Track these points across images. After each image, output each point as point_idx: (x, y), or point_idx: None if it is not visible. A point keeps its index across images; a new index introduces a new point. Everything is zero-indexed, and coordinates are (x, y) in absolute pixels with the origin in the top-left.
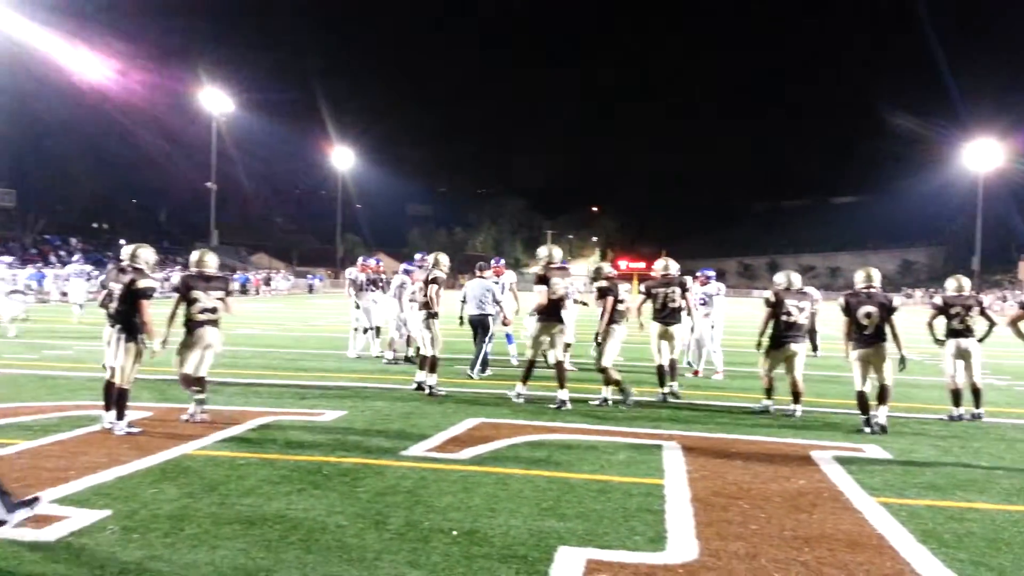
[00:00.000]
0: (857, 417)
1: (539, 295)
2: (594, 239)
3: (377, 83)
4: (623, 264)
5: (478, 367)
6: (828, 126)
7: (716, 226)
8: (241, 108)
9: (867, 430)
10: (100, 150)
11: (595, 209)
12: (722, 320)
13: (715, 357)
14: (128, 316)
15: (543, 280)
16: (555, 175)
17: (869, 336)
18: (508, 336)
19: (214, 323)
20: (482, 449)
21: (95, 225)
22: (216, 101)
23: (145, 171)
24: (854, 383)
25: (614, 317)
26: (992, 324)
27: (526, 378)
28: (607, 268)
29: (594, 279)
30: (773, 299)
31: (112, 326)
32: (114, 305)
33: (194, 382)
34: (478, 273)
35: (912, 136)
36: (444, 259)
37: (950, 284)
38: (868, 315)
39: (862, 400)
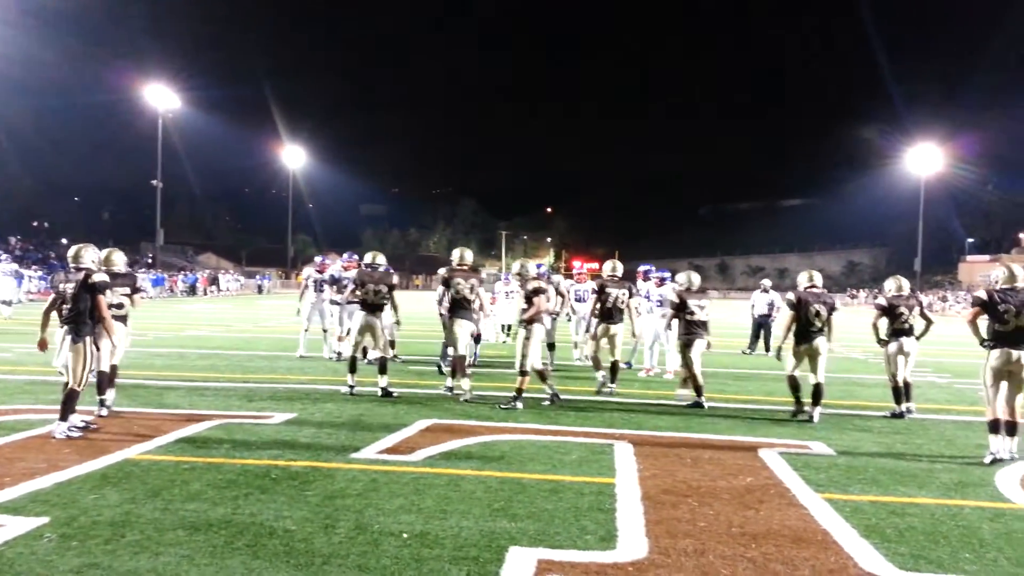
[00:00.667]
0: (802, 416)
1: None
2: (548, 240)
3: (329, 82)
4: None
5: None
6: (776, 131)
7: (667, 228)
8: (188, 104)
9: (801, 416)
10: (39, 147)
11: (549, 210)
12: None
13: (668, 357)
14: (79, 317)
15: (446, 282)
16: (509, 176)
17: (814, 333)
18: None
19: (121, 319)
20: (434, 450)
21: (35, 224)
22: (162, 97)
23: (87, 168)
24: (785, 368)
25: (537, 317)
26: (929, 323)
27: (454, 373)
28: (532, 268)
29: (524, 281)
30: (677, 300)
31: (62, 326)
32: (67, 307)
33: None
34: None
35: (857, 141)
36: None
37: (891, 285)
38: (817, 314)
39: (793, 383)
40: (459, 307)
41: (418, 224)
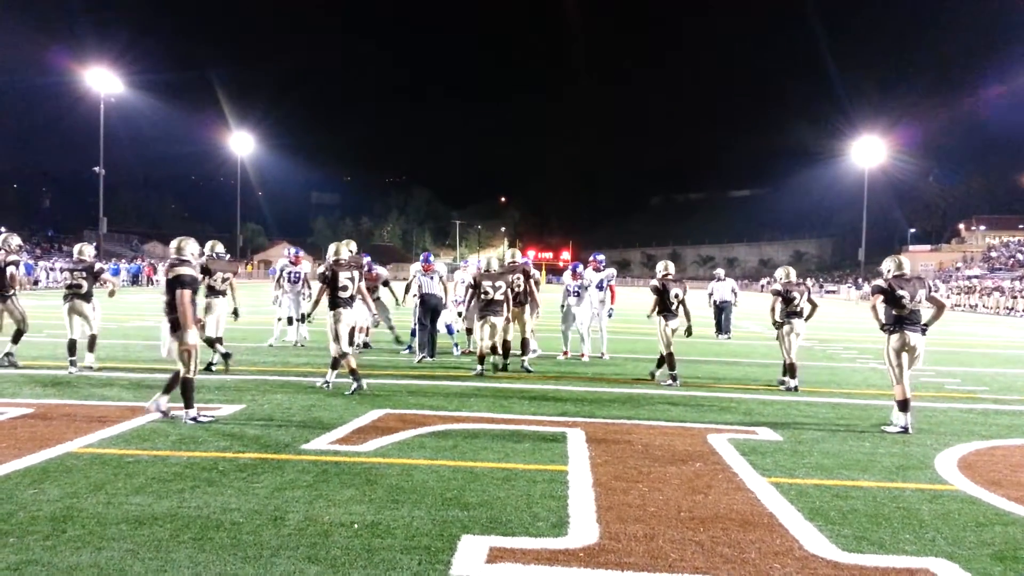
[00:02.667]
0: (750, 402)
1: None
2: (502, 229)
3: (277, 67)
4: (531, 253)
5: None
6: (724, 122)
7: (619, 218)
8: (132, 88)
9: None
10: None
11: (503, 200)
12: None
13: (603, 340)
14: (173, 307)
15: (325, 277)
16: (461, 166)
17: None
18: (448, 327)
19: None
20: (386, 440)
21: None
22: (104, 81)
23: (27, 154)
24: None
25: (339, 302)
26: (815, 307)
27: (335, 366)
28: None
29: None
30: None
31: (343, 308)
32: (165, 298)
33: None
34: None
35: (803, 133)
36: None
37: (781, 273)
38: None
39: (670, 359)
40: (343, 301)
41: (371, 213)
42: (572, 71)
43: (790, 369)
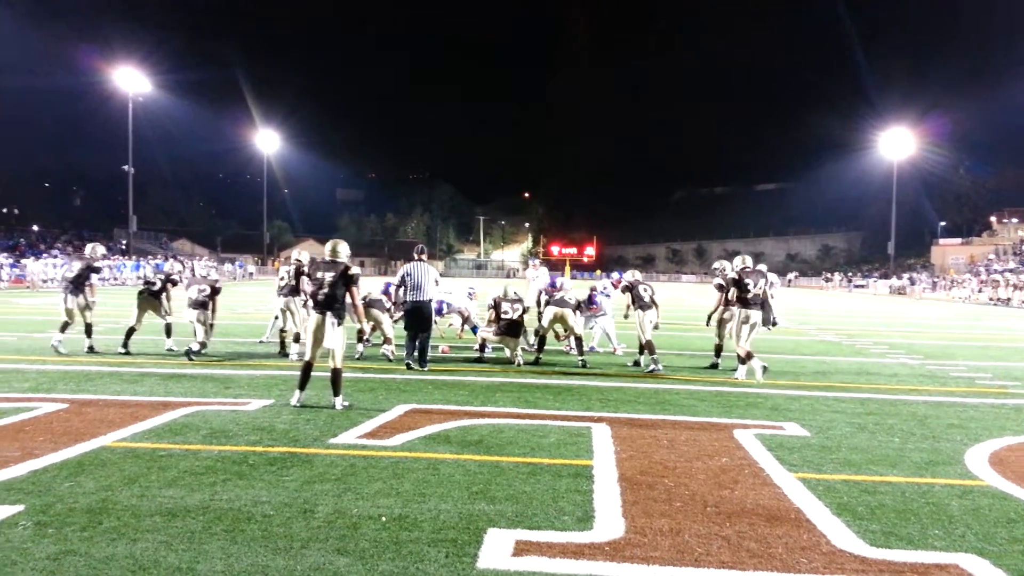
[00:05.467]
0: (777, 397)
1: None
2: (526, 225)
3: (304, 65)
4: (555, 250)
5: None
6: (750, 116)
7: (644, 213)
8: (160, 88)
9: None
10: (7, 133)
11: (526, 196)
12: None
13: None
14: (334, 301)
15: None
16: (485, 161)
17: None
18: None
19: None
20: (413, 435)
21: (4, 210)
22: (132, 81)
23: (58, 154)
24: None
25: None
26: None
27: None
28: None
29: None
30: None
31: (321, 312)
32: (324, 291)
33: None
34: (416, 256)
35: (830, 125)
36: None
37: (738, 261)
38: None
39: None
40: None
41: (395, 209)
42: (598, 65)
43: (718, 350)
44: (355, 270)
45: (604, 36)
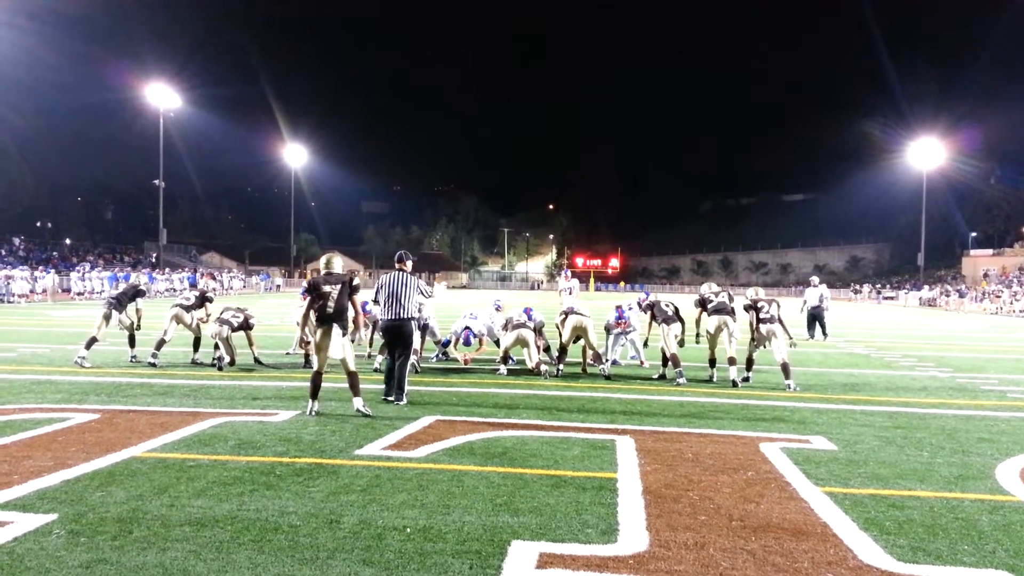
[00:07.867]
0: (804, 410)
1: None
2: (551, 237)
3: (330, 79)
4: (579, 261)
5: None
6: (776, 125)
7: (669, 224)
8: (190, 103)
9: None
10: (42, 148)
11: (551, 207)
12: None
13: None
14: (344, 312)
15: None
16: (511, 173)
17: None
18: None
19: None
20: (437, 447)
21: (38, 224)
22: (163, 96)
23: (90, 168)
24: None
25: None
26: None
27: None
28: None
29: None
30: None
31: (328, 324)
32: (332, 305)
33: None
34: (398, 265)
35: (859, 135)
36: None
37: (751, 292)
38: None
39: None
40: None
41: (420, 221)
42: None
43: (712, 362)
44: (357, 280)
45: (632, 47)
